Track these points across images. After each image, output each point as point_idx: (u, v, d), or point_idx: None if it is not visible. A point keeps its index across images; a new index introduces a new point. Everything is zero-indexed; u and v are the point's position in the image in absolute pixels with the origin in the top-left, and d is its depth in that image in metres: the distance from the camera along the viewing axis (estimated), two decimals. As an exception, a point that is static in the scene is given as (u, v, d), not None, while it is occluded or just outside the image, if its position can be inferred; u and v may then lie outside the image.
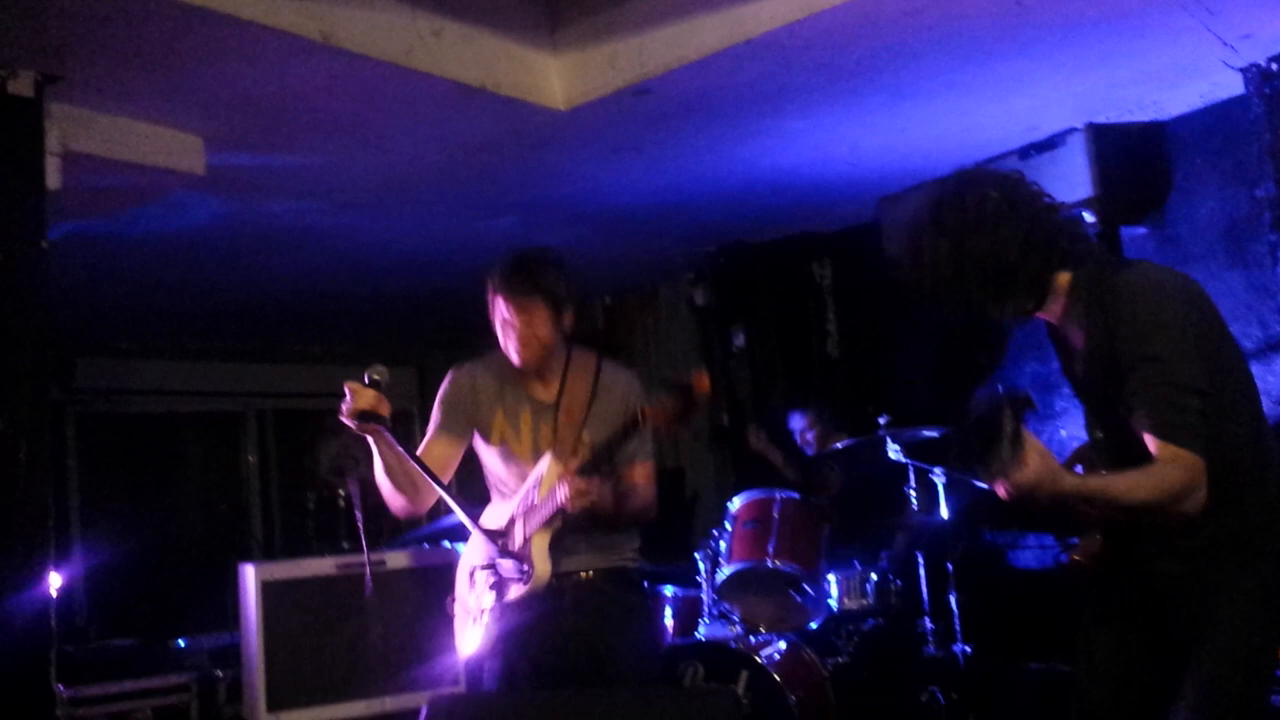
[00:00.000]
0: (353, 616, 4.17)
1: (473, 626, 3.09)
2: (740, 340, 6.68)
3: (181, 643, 4.95)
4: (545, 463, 3.08)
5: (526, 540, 3.04)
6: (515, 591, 3.01)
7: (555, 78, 4.44)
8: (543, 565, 3.00)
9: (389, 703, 4.16)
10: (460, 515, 3.01)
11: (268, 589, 4.10)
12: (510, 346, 3.14)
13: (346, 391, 2.84)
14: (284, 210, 5.44)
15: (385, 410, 2.88)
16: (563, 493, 2.92)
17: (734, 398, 6.95)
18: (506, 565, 2.97)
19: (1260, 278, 4.63)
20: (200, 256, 6.06)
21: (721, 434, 7.14)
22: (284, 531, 8.32)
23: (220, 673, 4.66)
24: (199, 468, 8.50)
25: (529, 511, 3.08)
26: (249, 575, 4.15)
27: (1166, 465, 2.17)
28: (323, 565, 4.33)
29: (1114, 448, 2.37)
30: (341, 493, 4.40)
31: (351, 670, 4.13)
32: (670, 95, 4.34)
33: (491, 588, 3.03)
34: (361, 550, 4.35)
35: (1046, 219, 2.36)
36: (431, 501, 3.16)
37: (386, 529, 4.80)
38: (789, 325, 6.67)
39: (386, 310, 7.69)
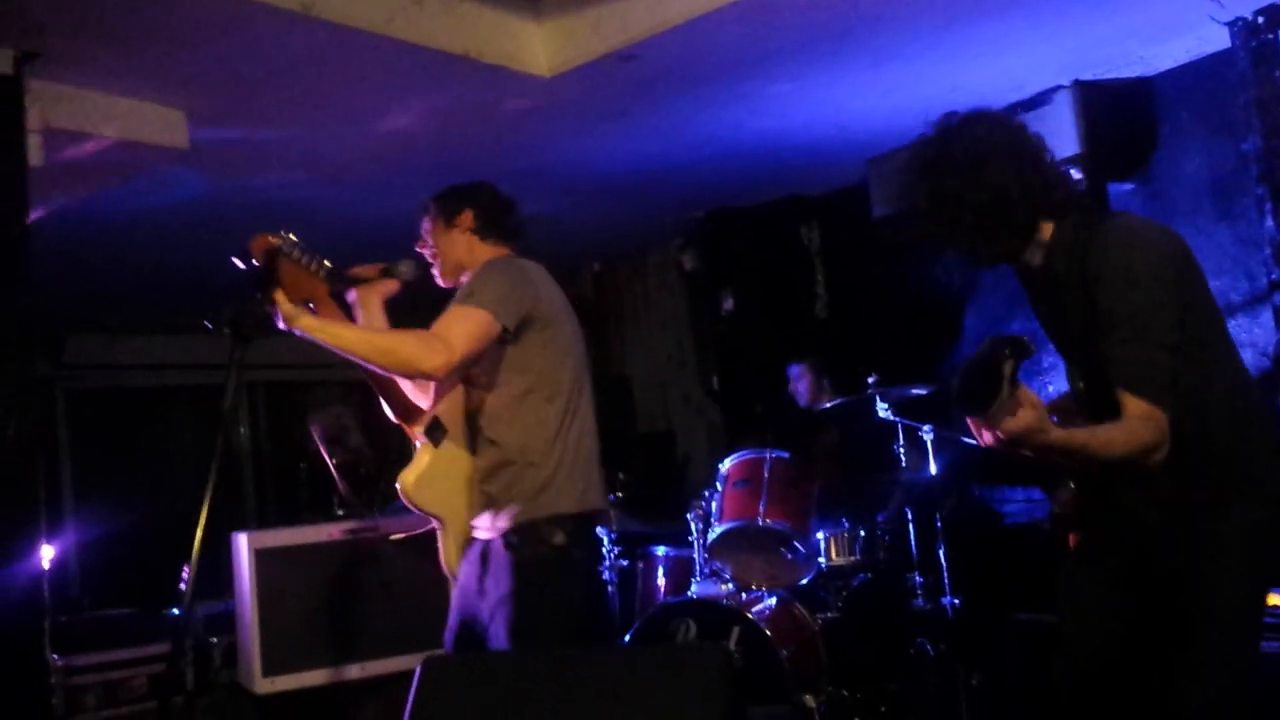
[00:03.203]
0: (346, 581, 4.21)
1: None
2: (729, 304, 6.70)
3: (176, 611, 4.98)
4: None
5: None
6: None
7: (539, 45, 4.43)
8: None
9: (383, 665, 4.20)
10: None
11: (261, 556, 4.13)
12: None
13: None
14: (268, 184, 5.43)
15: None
16: None
17: (724, 361, 6.98)
18: None
19: (1247, 231, 4.64)
20: (186, 231, 6.04)
21: (712, 397, 7.18)
22: (277, 501, 8.36)
23: (215, 639, 4.69)
24: (190, 440, 8.51)
25: None
26: (242, 543, 4.18)
27: (1136, 420, 2.22)
28: (316, 533, 4.36)
29: (1093, 396, 2.40)
30: (333, 461, 4.41)
31: (346, 634, 4.17)
32: (655, 60, 4.33)
33: None
34: (355, 516, 4.39)
35: (1044, 165, 2.40)
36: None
37: (379, 496, 4.83)
38: (778, 288, 6.69)
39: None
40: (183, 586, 2.46)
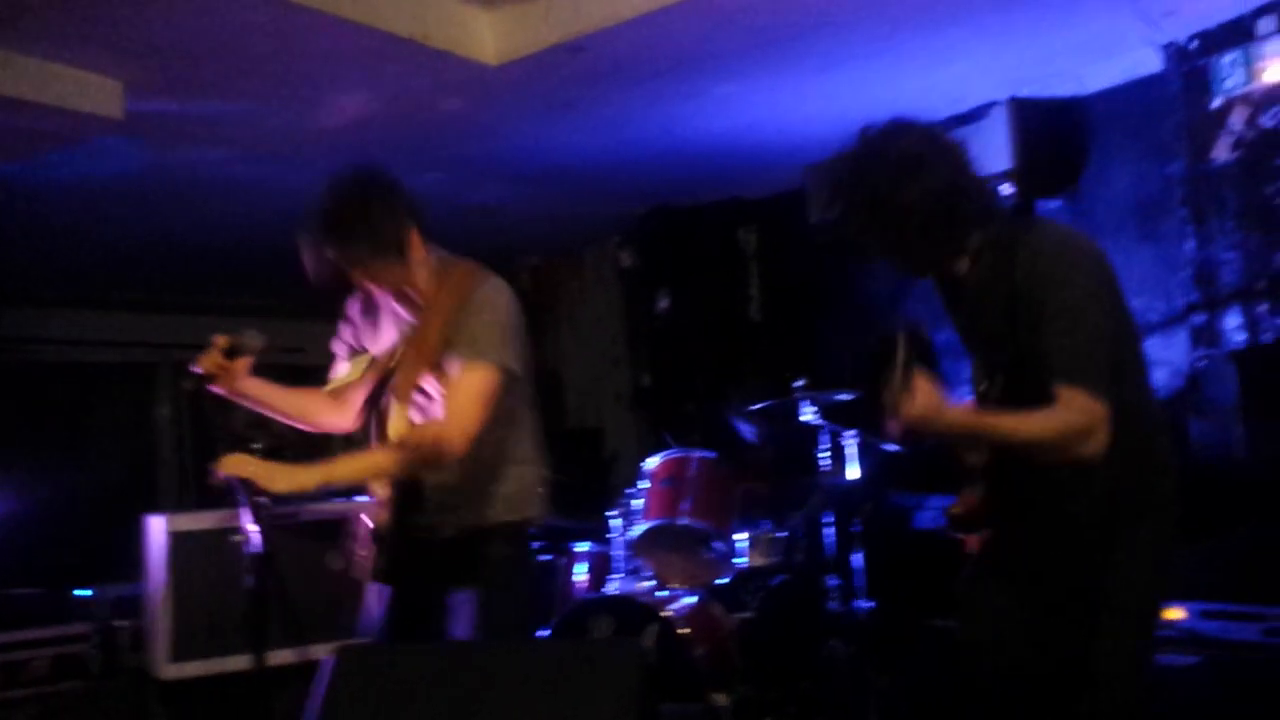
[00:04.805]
0: (263, 568, 4.14)
1: None
2: (664, 303, 6.73)
3: (88, 593, 4.88)
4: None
5: None
6: None
7: (487, 31, 4.41)
8: None
9: (296, 654, 4.15)
10: None
11: (176, 540, 4.06)
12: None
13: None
14: (205, 159, 5.35)
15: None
16: None
17: (657, 360, 7.00)
18: None
19: (1168, 252, 4.75)
20: (118, 204, 5.94)
21: (643, 395, 7.19)
22: (196, 484, 8.21)
23: (124, 623, 4.60)
24: (111, 419, 8.34)
25: None
26: (157, 526, 4.10)
27: (1066, 407, 2.20)
28: (232, 517, 4.27)
29: (1001, 400, 2.41)
30: (256, 446, 4.34)
31: (260, 621, 4.10)
32: (604, 53, 4.33)
33: None
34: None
35: (970, 173, 2.40)
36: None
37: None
38: (713, 289, 6.73)
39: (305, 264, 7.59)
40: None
